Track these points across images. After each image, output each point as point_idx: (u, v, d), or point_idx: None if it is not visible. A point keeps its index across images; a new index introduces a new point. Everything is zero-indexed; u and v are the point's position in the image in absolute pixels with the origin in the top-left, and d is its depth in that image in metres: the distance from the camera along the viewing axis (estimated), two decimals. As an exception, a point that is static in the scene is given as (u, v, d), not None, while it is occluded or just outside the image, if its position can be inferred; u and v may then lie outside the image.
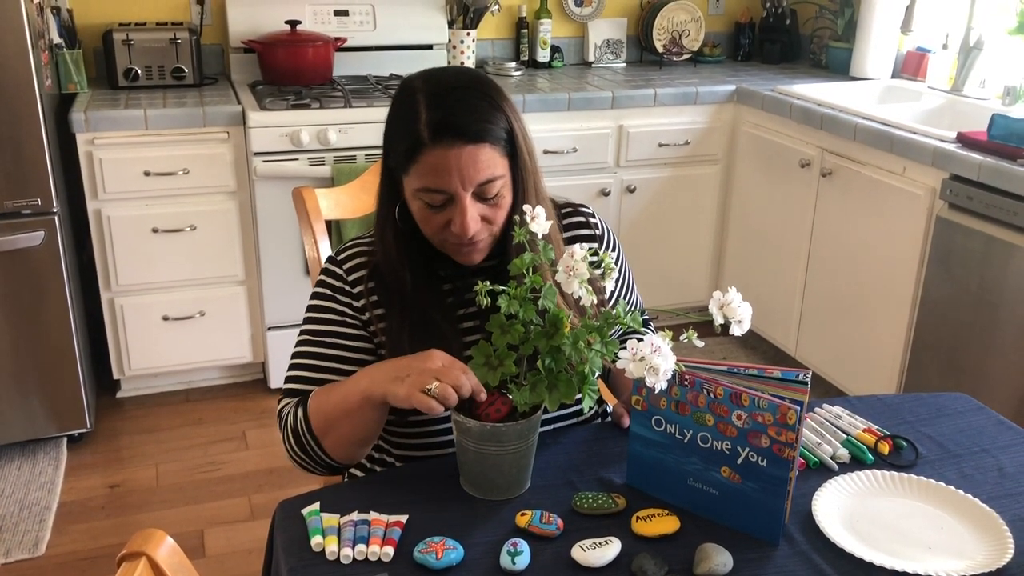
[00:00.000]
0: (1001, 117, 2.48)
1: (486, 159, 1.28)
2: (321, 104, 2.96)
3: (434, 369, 1.21)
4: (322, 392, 1.34)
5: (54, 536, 2.47)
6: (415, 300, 1.38)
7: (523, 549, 1.13)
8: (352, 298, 1.41)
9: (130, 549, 0.92)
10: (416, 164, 1.29)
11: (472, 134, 1.27)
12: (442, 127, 1.26)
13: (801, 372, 1.21)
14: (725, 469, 1.20)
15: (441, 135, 1.26)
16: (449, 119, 1.27)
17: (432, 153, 1.27)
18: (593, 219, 1.55)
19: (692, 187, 3.48)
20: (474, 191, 1.29)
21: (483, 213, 1.31)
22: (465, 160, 1.27)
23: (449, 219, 1.31)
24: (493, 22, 3.70)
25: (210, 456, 2.85)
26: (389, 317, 1.39)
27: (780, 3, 3.88)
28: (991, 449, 1.41)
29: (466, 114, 1.28)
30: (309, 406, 1.34)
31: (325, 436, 1.32)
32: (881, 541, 1.18)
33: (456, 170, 1.27)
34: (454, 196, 1.29)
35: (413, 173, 1.30)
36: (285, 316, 3.08)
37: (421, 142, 1.27)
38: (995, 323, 2.46)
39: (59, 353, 2.73)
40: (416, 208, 1.33)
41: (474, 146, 1.27)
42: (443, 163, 1.27)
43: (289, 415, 1.37)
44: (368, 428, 1.31)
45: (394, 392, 1.22)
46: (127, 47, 3.04)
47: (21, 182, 2.54)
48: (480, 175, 1.28)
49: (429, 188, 1.29)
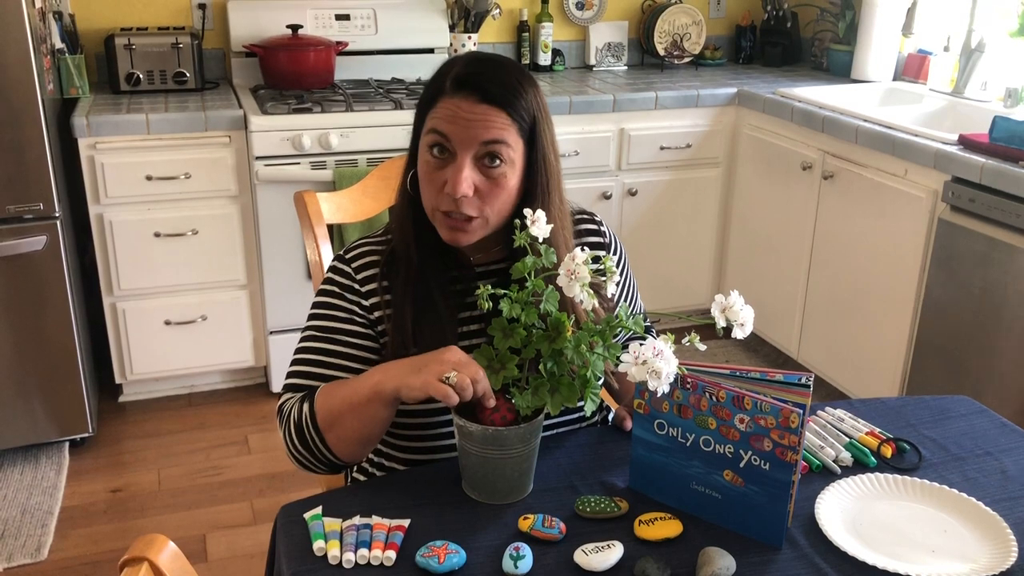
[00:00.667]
0: (1003, 119, 2.48)
1: (498, 124, 1.30)
2: (323, 108, 2.96)
3: (453, 360, 1.22)
4: (330, 387, 1.33)
5: (56, 541, 2.47)
6: (423, 276, 1.37)
7: (525, 553, 1.13)
8: (361, 296, 1.40)
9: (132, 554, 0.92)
10: (433, 109, 1.32)
11: (492, 95, 1.30)
12: (465, 81, 1.31)
13: (803, 375, 1.21)
14: (728, 473, 1.20)
15: (461, 87, 1.31)
16: (476, 77, 1.31)
17: (449, 100, 1.31)
18: (602, 227, 1.56)
19: (693, 190, 3.48)
20: (476, 154, 1.30)
21: (479, 183, 1.31)
22: (477, 115, 1.29)
23: (445, 180, 1.31)
24: (494, 26, 3.70)
25: (212, 460, 2.85)
26: (396, 302, 1.38)
27: (781, 6, 3.88)
28: (994, 452, 1.40)
29: (493, 80, 1.32)
30: (316, 400, 1.32)
31: (330, 431, 1.30)
32: (884, 544, 1.17)
33: (465, 122, 1.29)
34: (454, 152, 1.31)
35: (428, 121, 1.33)
36: (287, 320, 3.08)
37: (442, 90, 1.32)
38: (998, 325, 2.45)
39: (61, 358, 2.73)
40: (423, 161, 1.35)
41: (489, 106, 1.30)
42: (455, 112, 1.30)
43: (293, 410, 1.35)
44: (375, 425, 1.30)
45: (408, 383, 1.22)
46: (129, 52, 3.05)
47: (23, 187, 2.55)
48: (486, 134, 1.30)
49: (435, 130, 1.31)
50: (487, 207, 1.33)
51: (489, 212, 1.33)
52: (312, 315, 1.43)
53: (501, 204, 1.33)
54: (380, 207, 1.91)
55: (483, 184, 1.31)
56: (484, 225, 1.34)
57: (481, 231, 1.35)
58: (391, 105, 3.02)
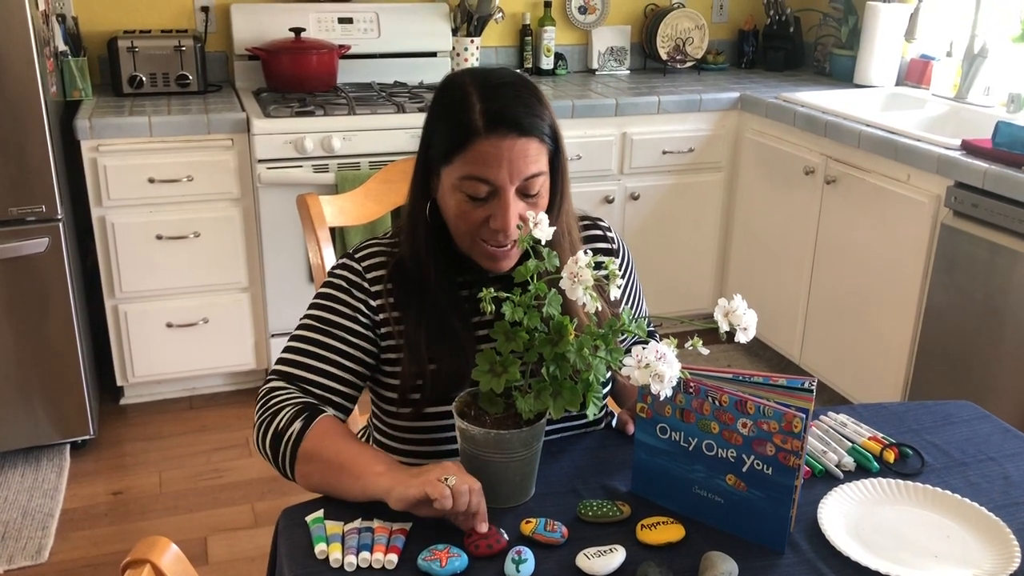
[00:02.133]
0: (1006, 124, 2.48)
1: (534, 153, 1.30)
2: (325, 111, 2.96)
3: (454, 468, 1.18)
4: (334, 435, 1.28)
5: (57, 543, 2.46)
6: (435, 300, 1.37)
7: (527, 557, 1.13)
8: (369, 296, 1.39)
9: (134, 556, 0.91)
10: (465, 153, 1.29)
11: (525, 127, 1.29)
12: (498, 117, 1.28)
13: (806, 380, 1.21)
14: (730, 477, 1.19)
15: (496, 125, 1.28)
16: (504, 111, 1.29)
17: (485, 142, 1.28)
18: (610, 233, 1.56)
19: (696, 194, 3.48)
20: (518, 187, 1.30)
21: (521, 212, 1.31)
22: (517, 152, 1.28)
23: (488, 216, 1.31)
24: (497, 29, 3.71)
25: (213, 463, 2.85)
26: (406, 319, 1.38)
27: (784, 10, 3.88)
28: (997, 457, 1.40)
29: (519, 107, 1.30)
30: (312, 431, 1.27)
31: (305, 463, 1.27)
32: (887, 549, 1.17)
33: (507, 161, 1.28)
34: (499, 189, 1.29)
35: (459, 162, 1.30)
36: (289, 323, 3.07)
37: (475, 131, 1.28)
38: (1000, 331, 2.45)
39: (63, 360, 2.73)
40: (455, 202, 1.32)
41: (526, 139, 1.29)
42: (495, 153, 1.28)
43: (282, 418, 1.29)
44: (341, 496, 1.26)
45: (405, 482, 1.16)
46: (132, 54, 3.05)
47: (26, 189, 2.55)
48: (528, 169, 1.30)
49: (476, 177, 1.29)
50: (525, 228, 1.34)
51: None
52: (314, 304, 1.41)
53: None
54: (382, 210, 1.91)
55: (523, 209, 1.32)
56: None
57: (520, 250, 1.35)
58: (393, 108, 3.02)
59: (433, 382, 1.36)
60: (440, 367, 1.35)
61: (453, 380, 1.33)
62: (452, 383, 1.33)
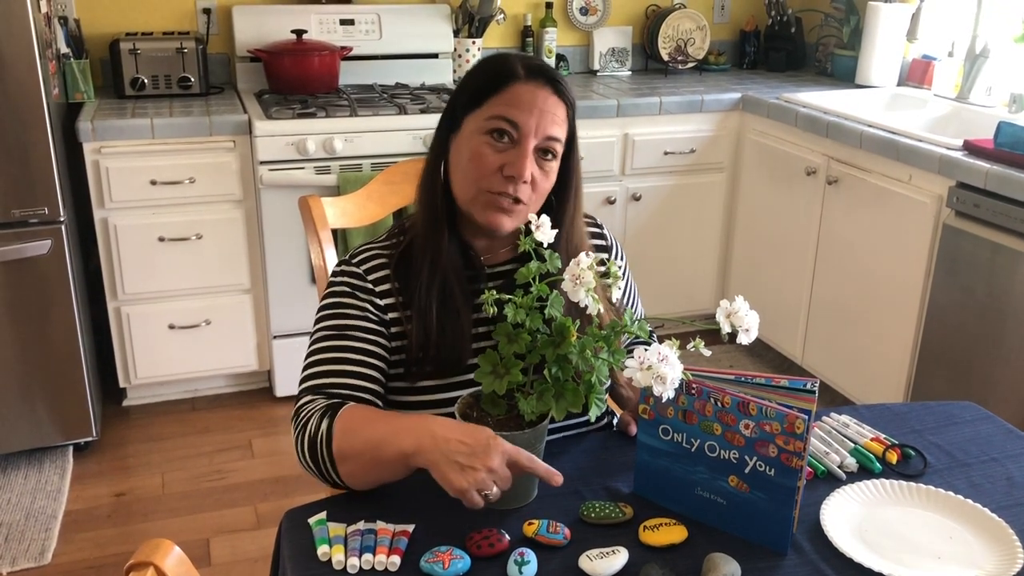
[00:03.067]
0: (1008, 125, 2.48)
1: (561, 117, 1.35)
2: (327, 113, 2.97)
3: (494, 468, 1.14)
4: (356, 417, 1.25)
5: (60, 545, 2.47)
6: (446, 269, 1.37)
7: (530, 559, 1.13)
8: (375, 296, 1.39)
9: (138, 559, 0.92)
10: (501, 93, 1.33)
11: (561, 88, 1.36)
12: (538, 70, 1.35)
13: (808, 381, 1.21)
14: (733, 478, 1.19)
15: (536, 75, 1.34)
16: (545, 68, 1.36)
17: (524, 86, 1.33)
18: (603, 230, 1.57)
19: (698, 195, 3.48)
20: (539, 143, 1.33)
21: (533, 172, 1.33)
22: (550, 105, 1.33)
23: (502, 164, 1.32)
24: (498, 31, 3.71)
25: (216, 465, 2.85)
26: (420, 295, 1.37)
27: (785, 11, 3.88)
28: (1000, 458, 1.40)
29: (558, 74, 1.37)
30: (336, 425, 1.24)
31: (343, 463, 1.24)
32: (889, 550, 1.17)
33: (538, 110, 1.32)
34: (523, 136, 1.32)
35: (492, 103, 1.33)
36: (291, 325, 3.08)
37: (515, 74, 1.33)
38: (1003, 331, 2.45)
39: (65, 362, 2.73)
40: (473, 146, 1.34)
41: (557, 99, 1.35)
42: (530, 98, 1.32)
43: (311, 422, 1.27)
44: (392, 478, 1.25)
45: (449, 480, 1.14)
46: (134, 56, 3.06)
47: (28, 191, 2.55)
48: (553, 128, 1.33)
49: (507, 117, 1.32)
50: (534, 195, 1.36)
51: (534, 199, 1.36)
52: (322, 316, 1.40)
53: (541, 195, 1.37)
54: (385, 212, 1.91)
55: (536, 174, 1.34)
56: (525, 212, 1.35)
57: (521, 219, 1.35)
58: (395, 110, 3.02)
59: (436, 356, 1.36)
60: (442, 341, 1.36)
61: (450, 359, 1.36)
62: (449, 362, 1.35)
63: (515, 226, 1.36)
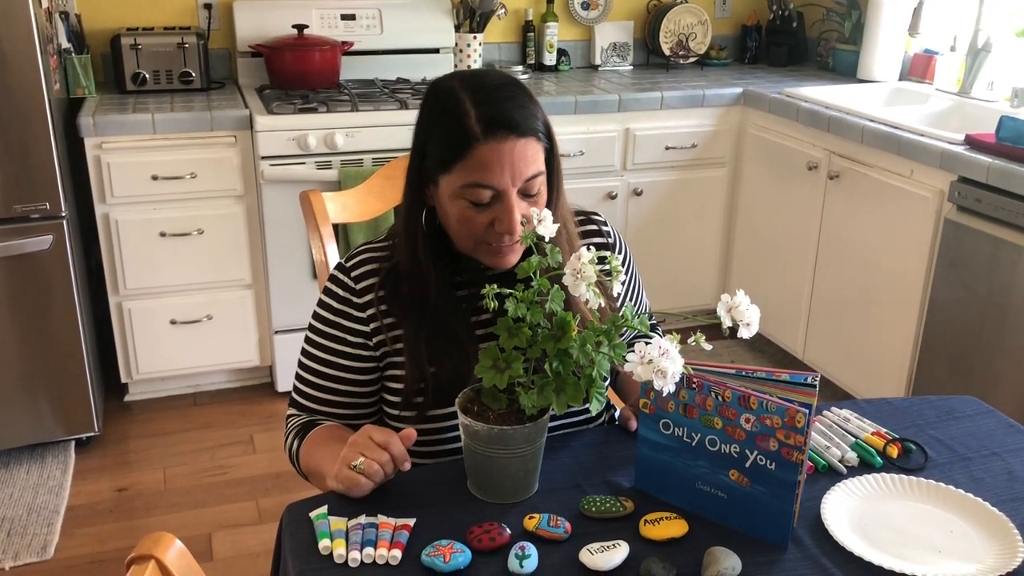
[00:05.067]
0: (1009, 119, 2.47)
1: (532, 153, 1.30)
2: (328, 108, 2.97)
3: (361, 443, 1.24)
4: (314, 441, 1.39)
5: (62, 539, 2.47)
6: (436, 307, 1.37)
7: (531, 552, 1.13)
8: (358, 309, 1.40)
9: (139, 552, 0.92)
10: (464, 160, 1.28)
11: (523, 128, 1.29)
12: (495, 122, 1.27)
13: (809, 375, 1.21)
14: (733, 472, 1.20)
15: (494, 130, 1.27)
16: (501, 114, 1.28)
17: (485, 147, 1.27)
18: (605, 227, 1.56)
19: (699, 190, 3.48)
20: (519, 188, 1.31)
21: (523, 211, 1.31)
22: (517, 155, 1.28)
23: (492, 219, 1.31)
24: (500, 26, 3.70)
25: (217, 460, 2.86)
26: (403, 326, 1.39)
27: (787, 6, 3.88)
28: (1001, 452, 1.40)
29: (515, 109, 1.29)
30: (301, 449, 1.40)
31: (310, 478, 1.41)
32: (890, 545, 1.17)
33: (508, 165, 1.28)
34: (502, 193, 1.29)
35: (459, 170, 1.29)
36: (292, 320, 3.08)
37: (473, 137, 1.27)
38: (1004, 325, 2.45)
39: (67, 357, 2.73)
40: (457, 209, 1.32)
41: (524, 140, 1.29)
42: (495, 157, 1.27)
43: (289, 438, 1.43)
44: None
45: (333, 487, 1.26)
46: (135, 51, 3.06)
47: (30, 186, 2.55)
48: (528, 170, 1.30)
49: (479, 184, 1.29)
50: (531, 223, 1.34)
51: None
52: (310, 326, 1.46)
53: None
54: (385, 206, 1.91)
55: (525, 209, 1.32)
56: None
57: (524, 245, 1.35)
58: (396, 105, 3.02)
59: (435, 387, 1.37)
60: (441, 371, 1.36)
61: (455, 384, 1.33)
62: (454, 387, 1.33)
63: (519, 256, 1.37)
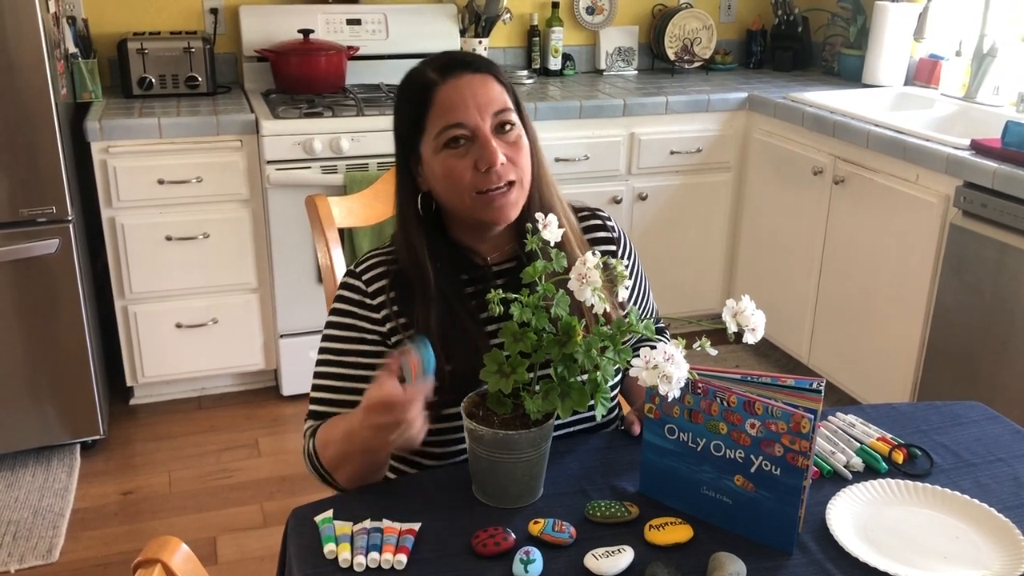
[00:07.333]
0: (1015, 124, 2.47)
1: (496, 90, 1.35)
2: (334, 112, 2.97)
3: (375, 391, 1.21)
4: (328, 428, 1.36)
5: (68, 542, 2.47)
6: (440, 293, 1.38)
7: (536, 557, 1.13)
8: (372, 310, 1.40)
9: (145, 556, 0.92)
10: (431, 109, 1.33)
11: (476, 65, 1.35)
12: (449, 64, 1.34)
13: (814, 380, 1.21)
14: (738, 478, 1.19)
15: (450, 70, 1.34)
16: (454, 58, 1.36)
17: (444, 88, 1.33)
18: (610, 222, 1.56)
19: (704, 195, 3.48)
20: (492, 124, 1.33)
21: (505, 152, 1.33)
22: (476, 87, 1.33)
23: (474, 162, 1.33)
24: (505, 30, 3.71)
25: (223, 463, 2.86)
26: (415, 324, 1.38)
27: (792, 10, 3.88)
28: (1007, 458, 1.40)
29: (468, 56, 1.37)
30: (316, 442, 1.36)
31: (337, 471, 1.34)
32: (896, 550, 1.17)
33: (471, 98, 1.32)
34: (475, 130, 1.32)
35: (430, 123, 1.33)
36: (298, 324, 3.08)
37: (431, 83, 1.33)
38: (1010, 331, 2.44)
39: (73, 360, 2.74)
40: (441, 165, 1.34)
41: (482, 75, 1.34)
42: (457, 95, 1.32)
43: (306, 444, 1.40)
44: (376, 461, 1.31)
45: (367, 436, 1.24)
46: (141, 56, 3.07)
47: (36, 190, 2.56)
48: (493, 103, 1.33)
49: (449, 124, 1.32)
50: (518, 168, 1.35)
51: (522, 174, 1.36)
52: (325, 335, 1.44)
53: (526, 163, 1.37)
54: (391, 211, 1.89)
55: (506, 150, 1.34)
56: (521, 189, 1.36)
57: (522, 198, 1.37)
58: (402, 109, 3.02)
59: (451, 382, 1.36)
60: (456, 367, 1.35)
61: (471, 377, 1.33)
62: (471, 380, 1.32)
63: (519, 209, 1.37)
